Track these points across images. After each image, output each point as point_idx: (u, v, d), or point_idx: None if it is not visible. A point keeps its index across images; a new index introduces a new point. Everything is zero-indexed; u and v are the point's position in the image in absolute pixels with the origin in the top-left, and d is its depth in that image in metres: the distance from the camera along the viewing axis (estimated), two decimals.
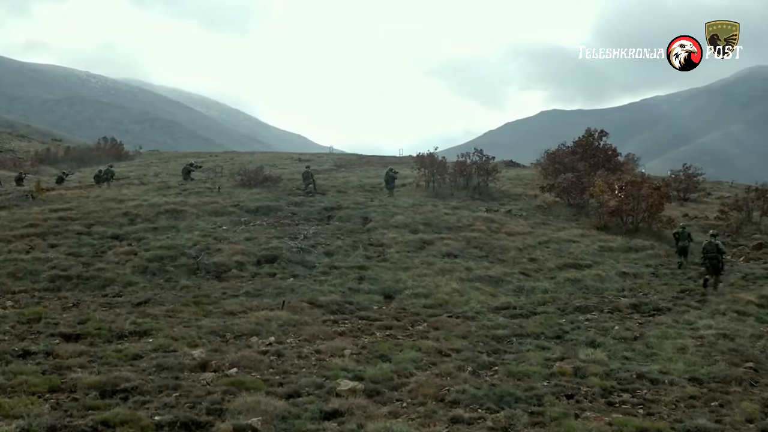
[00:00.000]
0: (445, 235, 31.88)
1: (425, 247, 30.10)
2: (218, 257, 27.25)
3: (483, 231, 32.75)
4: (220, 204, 35.56)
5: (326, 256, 28.51)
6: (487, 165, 43.31)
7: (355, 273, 26.35)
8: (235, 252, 27.73)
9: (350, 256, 28.56)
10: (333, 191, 41.18)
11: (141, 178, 49.69)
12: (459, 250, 29.86)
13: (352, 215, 34.71)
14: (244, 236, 30.20)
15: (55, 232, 30.20)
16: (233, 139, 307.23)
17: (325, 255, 28.58)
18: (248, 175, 42.43)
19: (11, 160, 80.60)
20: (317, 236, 30.77)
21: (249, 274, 26.21)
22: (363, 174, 50.60)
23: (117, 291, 24.03)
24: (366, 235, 31.46)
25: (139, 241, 29.22)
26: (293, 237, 30.25)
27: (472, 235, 31.88)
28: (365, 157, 78.74)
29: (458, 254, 29.41)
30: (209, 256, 27.33)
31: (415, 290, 24.55)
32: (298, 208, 35.93)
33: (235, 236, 30.17)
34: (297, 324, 19.64)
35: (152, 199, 36.11)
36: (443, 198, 40.25)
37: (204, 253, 27.50)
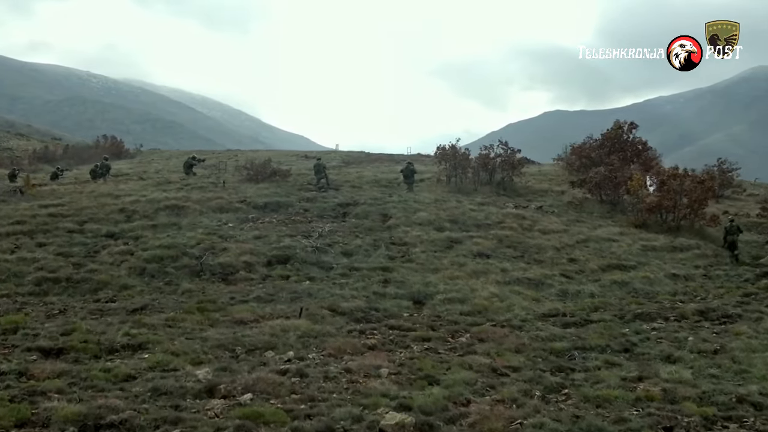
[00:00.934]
0: (473, 233, 28.99)
1: (453, 247, 27.23)
2: (224, 257, 24.43)
3: (515, 229, 29.86)
4: (226, 200, 32.69)
5: (344, 256, 25.66)
6: (513, 159, 40.32)
7: (379, 275, 23.51)
8: (243, 252, 24.89)
9: (371, 257, 25.69)
10: (347, 186, 38.26)
11: (140, 175, 46.80)
12: (491, 250, 26.99)
13: (370, 212, 31.80)
14: (252, 234, 27.36)
15: (44, 230, 27.39)
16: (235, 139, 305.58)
17: (344, 255, 25.72)
18: (255, 169, 39.52)
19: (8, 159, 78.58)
20: (333, 234, 27.89)
21: (259, 276, 23.41)
22: (376, 170, 47.71)
23: (110, 296, 21.24)
24: (387, 233, 28.57)
25: (136, 239, 26.44)
26: (307, 235, 27.39)
27: (504, 234, 28.99)
28: (373, 154, 75.96)
29: (491, 254, 26.56)
30: (214, 256, 24.53)
31: (448, 295, 21.66)
32: (310, 204, 33.05)
33: (242, 234, 27.34)
34: (318, 335, 16.75)
35: (151, 195, 33.27)
36: (466, 194, 37.30)
37: (208, 253, 24.69)
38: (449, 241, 27.66)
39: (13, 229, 27.20)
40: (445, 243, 27.46)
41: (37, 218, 28.64)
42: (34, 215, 28.98)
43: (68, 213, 29.50)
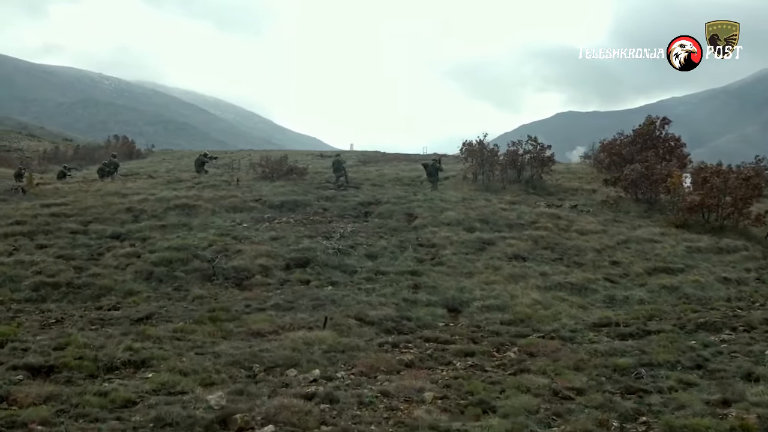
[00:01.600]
0: (506, 233, 26.90)
1: (486, 248, 25.14)
2: (238, 260, 22.44)
3: (550, 229, 27.73)
4: (239, 198, 30.70)
5: (369, 258, 23.61)
6: (542, 155, 38.18)
7: (408, 280, 21.43)
8: (259, 254, 22.88)
9: (398, 259, 23.62)
10: (367, 185, 36.22)
11: (150, 173, 44.93)
12: (527, 252, 24.89)
13: (394, 211, 29.71)
14: (268, 235, 25.37)
15: (45, 231, 25.52)
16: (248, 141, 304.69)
17: (368, 257, 23.68)
18: (271, 167, 37.53)
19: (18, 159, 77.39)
20: (356, 235, 25.84)
21: (277, 280, 21.40)
22: (397, 168, 45.71)
23: (113, 302, 19.27)
24: (413, 234, 26.48)
25: (143, 241, 24.50)
26: (327, 236, 25.38)
27: (539, 234, 26.87)
28: (389, 154, 74.23)
29: (527, 257, 24.45)
30: (227, 259, 22.54)
31: (486, 302, 19.56)
32: (330, 203, 31.02)
33: (257, 235, 25.35)
34: (347, 349, 14.73)
35: (160, 193, 31.32)
36: (495, 192, 35.19)
37: (221, 256, 22.69)
38: (481, 243, 25.58)
39: (12, 230, 25.32)
40: (477, 244, 25.39)
41: (38, 218, 26.76)
42: (35, 215, 27.10)
43: (72, 213, 27.62)
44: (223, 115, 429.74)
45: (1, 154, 79.51)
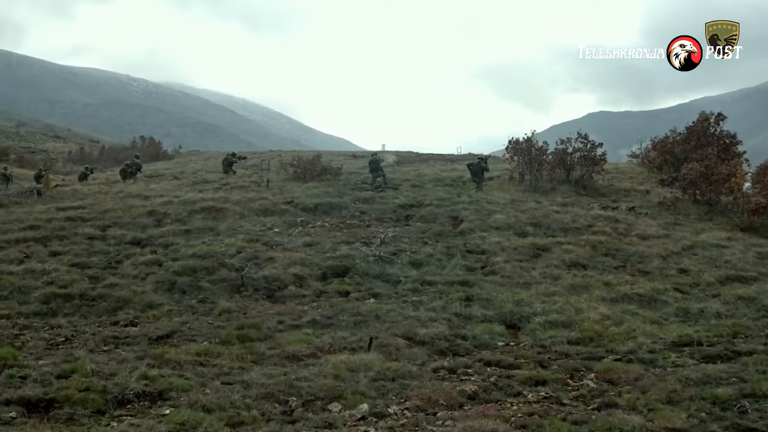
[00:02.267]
0: (561, 238, 24.61)
1: (541, 255, 22.89)
2: (270, 269, 20.35)
3: (609, 234, 25.39)
4: (270, 201, 28.63)
5: (413, 267, 21.44)
6: (593, 154, 35.75)
7: (458, 291, 19.20)
8: (293, 262, 20.78)
9: (446, 268, 21.41)
10: (406, 186, 34.00)
11: (176, 174, 43.07)
12: (586, 259, 22.58)
13: (438, 214, 27.47)
14: (302, 241, 23.28)
15: (59, 236, 23.68)
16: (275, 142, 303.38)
17: (412, 266, 21.51)
18: (303, 167, 35.42)
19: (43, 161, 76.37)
20: (398, 241, 23.67)
21: (312, 292, 19.30)
22: (435, 167, 43.53)
23: (131, 317, 17.24)
24: (461, 240, 24.24)
25: (165, 247, 22.55)
26: (367, 242, 23.26)
27: (597, 239, 24.54)
28: (423, 154, 72.28)
29: (587, 264, 22.15)
30: (258, 268, 20.47)
31: (549, 317, 17.27)
32: (367, 206, 28.87)
33: (290, 241, 23.25)
34: (397, 376, 12.57)
35: (185, 195, 29.36)
36: (544, 193, 32.83)
37: (251, 264, 20.60)
38: (535, 249, 23.33)
39: (24, 236, 23.49)
40: (531, 251, 23.15)
41: (52, 222, 24.93)
42: (50, 219, 25.27)
43: (89, 216, 25.74)
44: (251, 116, 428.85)
45: (26, 155, 78.74)
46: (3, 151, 73.79)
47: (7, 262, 21.09)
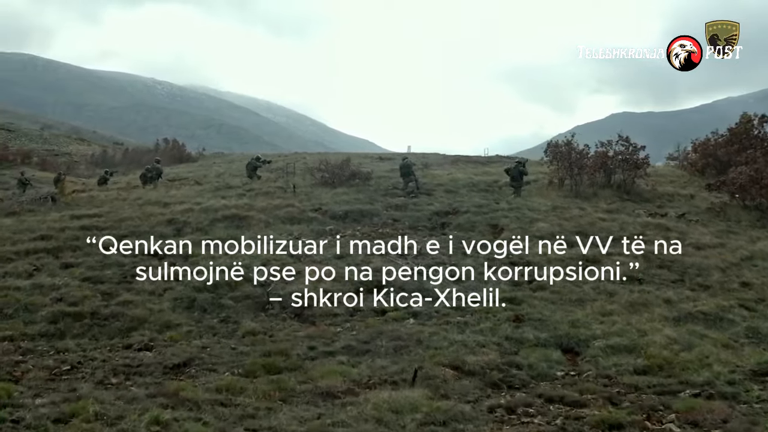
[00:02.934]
0: (611, 248, 22.70)
1: (591, 267, 21.04)
2: (298, 284, 18.60)
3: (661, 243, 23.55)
4: (297, 208, 26.91)
5: (454, 281, 19.61)
6: (635, 157, 33.75)
7: (506, 310, 17.35)
8: (322, 276, 19.02)
9: (489, 282, 19.61)
10: (440, 191, 32.15)
11: (198, 179, 41.47)
12: (641, 272, 20.68)
13: (476, 222, 25.59)
14: (332, 252, 21.51)
15: (72, 247, 22.12)
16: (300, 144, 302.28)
17: (452, 280, 19.68)
18: (331, 171, 33.67)
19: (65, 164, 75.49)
20: (435, 251, 21.87)
21: (345, 310, 17.57)
22: (465, 170, 41.68)
23: (146, 339, 15.64)
24: (503, 250, 22.45)
25: (185, 259, 20.88)
26: (402, 253, 21.46)
27: (650, 249, 22.69)
28: (450, 156, 70.53)
29: (642, 278, 20.31)
30: (285, 284, 18.71)
31: (609, 340, 15.42)
32: (400, 213, 27.07)
33: (319, 252, 21.48)
34: (448, 419, 10.80)
35: (207, 202, 27.69)
36: (586, 198, 30.86)
37: (277, 279, 18.85)
38: (584, 260, 21.45)
39: (35, 246, 21.97)
40: (580, 262, 21.31)
41: (66, 232, 23.38)
42: (63, 228, 23.72)
43: (105, 225, 24.16)
44: (275, 118, 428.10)
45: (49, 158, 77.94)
46: (26, 154, 73.00)
47: (15, 275, 19.58)
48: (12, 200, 29.30)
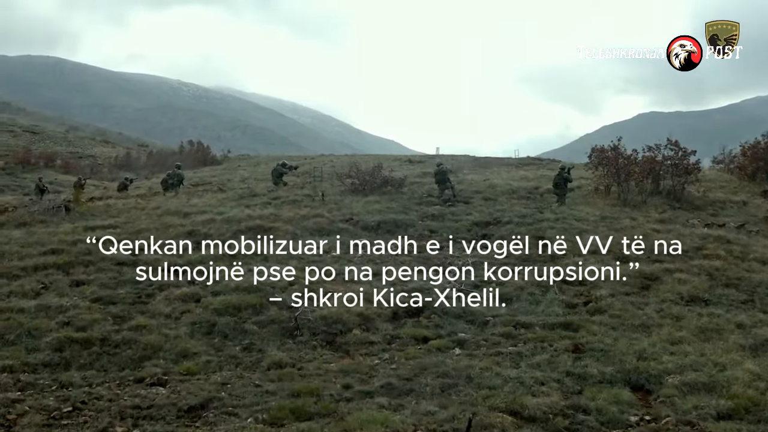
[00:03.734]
0: (670, 264, 20.74)
1: (651, 286, 19.08)
2: (329, 307, 16.79)
3: (723, 258, 21.43)
4: (326, 218, 25.15)
5: (501, 302, 17.71)
6: (685, 162, 31.67)
7: (563, 337, 15.41)
8: (356, 297, 17.21)
9: (540, 304, 17.67)
10: (478, 198, 30.31)
11: (222, 184, 39.83)
12: (705, 291, 18.66)
13: (520, 234, 23.54)
14: (366, 269, 19.66)
15: (84, 262, 20.47)
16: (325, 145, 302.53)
17: (499, 301, 17.76)
18: (362, 178, 31.85)
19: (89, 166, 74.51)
20: (478, 268, 19.94)
21: (382, 337, 15.71)
22: (505, 175, 39.79)
23: (160, 371, 13.84)
24: (552, 266, 20.48)
25: (205, 276, 19.06)
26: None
27: (712, 265, 20.63)
28: (480, 158, 68.72)
29: (708, 298, 18.30)
30: (314, 305, 16.91)
31: (684, 375, 13.39)
32: (437, 224, 25.21)
33: (352, 268, 19.62)
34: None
35: (230, 212, 26.02)
36: (634, 207, 28.76)
37: (306, 301, 17.05)
38: (642, 278, 19.53)
39: (44, 261, 20.32)
40: (638, 281, 19.34)
41: (78, 245, 21.72)
42: (75, 241, 22.07)
43: (120, 238, 22.40)
44: (301, 119, 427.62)
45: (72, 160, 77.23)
46: (49, 157, 72.21)
47: (20, 295, 17.91)
48: (26, 208, 27.66)
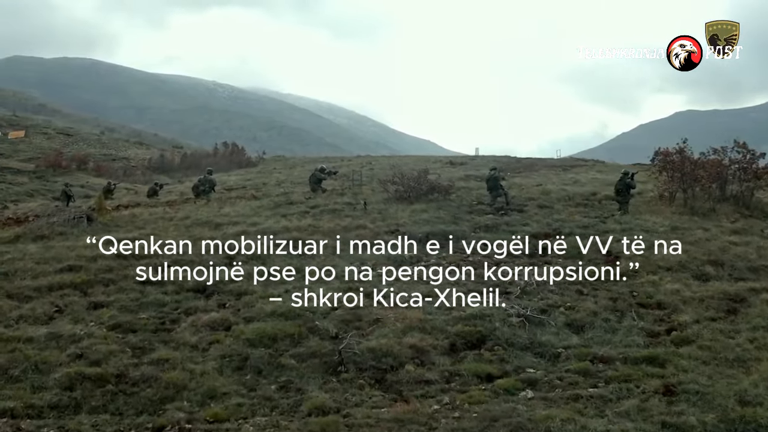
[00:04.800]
0: (755, 283, 18.34)
1: (738, 310, 16.74)
2: (378, 337, 14.71)
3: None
4: (370, 230, 23.01)
5: (572, 331, 15.48)
6: (755, 166, 29.08)
7: (649, 376, 13.12)
8: (408, 325, 15.11)
9: (617, 332, 15.35)
10: (532, 206, 27.96)
11: (255, 188, 37.87)
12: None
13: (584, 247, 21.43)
14: (417, 290, 17.34)
15: (104, 281, 18.57)
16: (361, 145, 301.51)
17: (570, 329, 15.55)
18: (406, 185, 29.65)
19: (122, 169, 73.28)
20: (543, 289, 17.70)
21: (439, 375, 13.52)
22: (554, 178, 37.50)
23: (183, 419, 11.90)
24: (625, 286, 18.19)
25: (237, 298, 17.17)
26: (502, 290, 17.40)
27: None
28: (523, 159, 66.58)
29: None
30: (361, 335, 14.83)
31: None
32: (491, 235, 22.85)
33: (401, 289, 17.39)
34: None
35: (265, 223, 23.96)
36: (703, 215, 26.17)
37: (351, 330, 14.98)
38: (727, 300, 17.22)
39: (60, 280, 18.41)
40: (723, 303, 17.01)
41: (98, 262, 19.76)
42: (95, 257, 20.05)
43: (144, 253, 20.42)
44: (337, 119, 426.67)
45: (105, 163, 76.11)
46: (82, 160, 71.15)
47: (31, 320, 16.04)
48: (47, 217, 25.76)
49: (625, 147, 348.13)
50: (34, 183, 56.45)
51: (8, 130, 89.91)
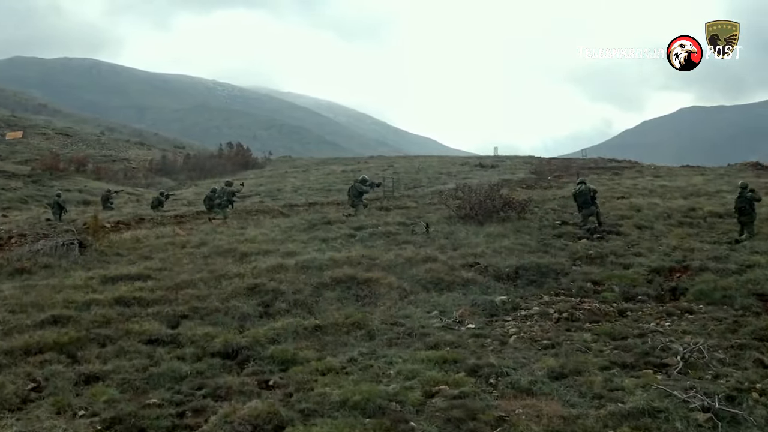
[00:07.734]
0: None
1: None
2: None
3: None
4: (441, 262, 18.19)
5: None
6: None
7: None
8: (549, 428, 10.07)
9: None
10: (629, 226, 23.13)
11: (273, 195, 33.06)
12: None
13: (728, 287, 16.25)
14: (524, 356, 12.37)
15: (100, 339, 13.66)
16: (361, 143, 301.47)
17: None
18: (471, 202, 24.73)
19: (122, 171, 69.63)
20: (712, 359, 12.59)
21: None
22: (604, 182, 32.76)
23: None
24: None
25: (283, 369, 12.22)
26: (653, 359, 12.42)
27: None
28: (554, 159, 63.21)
29: None
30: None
31: None
32: (597, 269, 18.10)
33: (510, 359, 12.25)
34: None
35: (304, 252, 19.10)
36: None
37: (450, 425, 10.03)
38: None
39: (40, 339, 13.37)
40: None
41: (92, 309, 14.83)
42: (89, 301, 15.17)
43: (151, 296, 15.55)
44: (336, 118, 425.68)
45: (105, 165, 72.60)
46: (80, 162, 68.07)
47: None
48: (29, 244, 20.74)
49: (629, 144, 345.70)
50: (29, 188, 52.68)
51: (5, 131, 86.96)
